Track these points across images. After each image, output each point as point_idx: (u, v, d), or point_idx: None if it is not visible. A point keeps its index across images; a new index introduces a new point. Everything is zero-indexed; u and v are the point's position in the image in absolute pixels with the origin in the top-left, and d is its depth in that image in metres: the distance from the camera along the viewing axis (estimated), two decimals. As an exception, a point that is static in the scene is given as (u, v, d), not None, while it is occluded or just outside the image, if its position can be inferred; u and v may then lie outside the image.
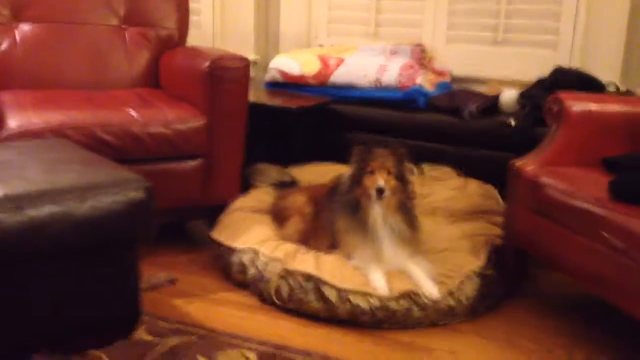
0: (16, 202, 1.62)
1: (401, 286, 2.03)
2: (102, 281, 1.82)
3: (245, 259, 2.23)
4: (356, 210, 2.11)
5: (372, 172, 2.08)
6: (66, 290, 1.77)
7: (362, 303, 2.00)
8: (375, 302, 1.99)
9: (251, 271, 2.20)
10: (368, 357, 1.88)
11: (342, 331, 2.00)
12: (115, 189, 1.77)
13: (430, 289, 2.02)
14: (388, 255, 2.09)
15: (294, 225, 2.33)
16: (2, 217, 1.59)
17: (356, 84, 3.04)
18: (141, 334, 1.93)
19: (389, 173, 2.08)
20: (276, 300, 2.11)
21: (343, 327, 2.02)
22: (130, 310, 1.91)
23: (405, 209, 2.13)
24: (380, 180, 2.06)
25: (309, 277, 2.06)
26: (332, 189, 2.27)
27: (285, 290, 2.09)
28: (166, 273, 2.33)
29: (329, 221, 2.23)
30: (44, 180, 1.74)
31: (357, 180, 2.11)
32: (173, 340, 1.90)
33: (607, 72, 2.90)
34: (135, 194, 1.79)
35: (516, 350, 1.94)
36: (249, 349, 1.87)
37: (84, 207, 1.71)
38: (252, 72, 3.67)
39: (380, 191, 2.04)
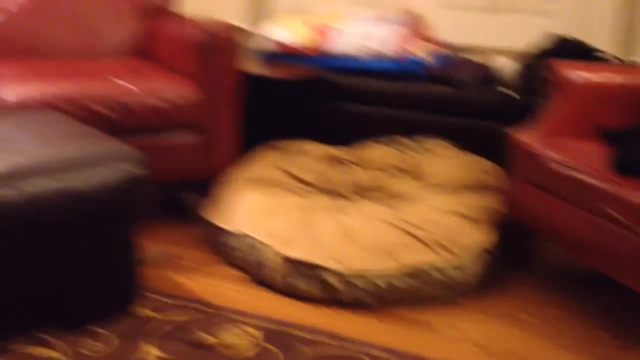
0: (11, 177, 1.62)
1: (408, 259, 1.99)
2: (98, 255, 1.81)
3: (243, 244, 2.15)
4: None
5: None
6: (62, 265, 1.76)
7: (368, 286, 1.97)
8: (381, 284, 1.97)
9: (250, 258, 2.12)
10: (373, 334, 1.87)
11: (347, 308, 1.99)
12: (110, 163, 1.76)
13: None
14: None
15: None
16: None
17: (354, 55, 2.99)
18: (142, 309, 1.91)
19: None
20: (281, 289, 2.04)
21: (347, 305, 2.01)
22: (127, 284, 1.90)
23: None
24: None
25: (311, 267, 1.99)
26: None
27: (287, 280, 2.03)
28: (168, 249, 2.30)
29: None
30: (39, 154, 1.74)
31: None
32: (173, 316, 1.89)
33: (608, 42, 2.86)
34: (129, 167, 1.78)
35: (517, 325, 1.95)
36: (251, 325, 1.86)
37: (79, 181, 1.71)
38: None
39: None
